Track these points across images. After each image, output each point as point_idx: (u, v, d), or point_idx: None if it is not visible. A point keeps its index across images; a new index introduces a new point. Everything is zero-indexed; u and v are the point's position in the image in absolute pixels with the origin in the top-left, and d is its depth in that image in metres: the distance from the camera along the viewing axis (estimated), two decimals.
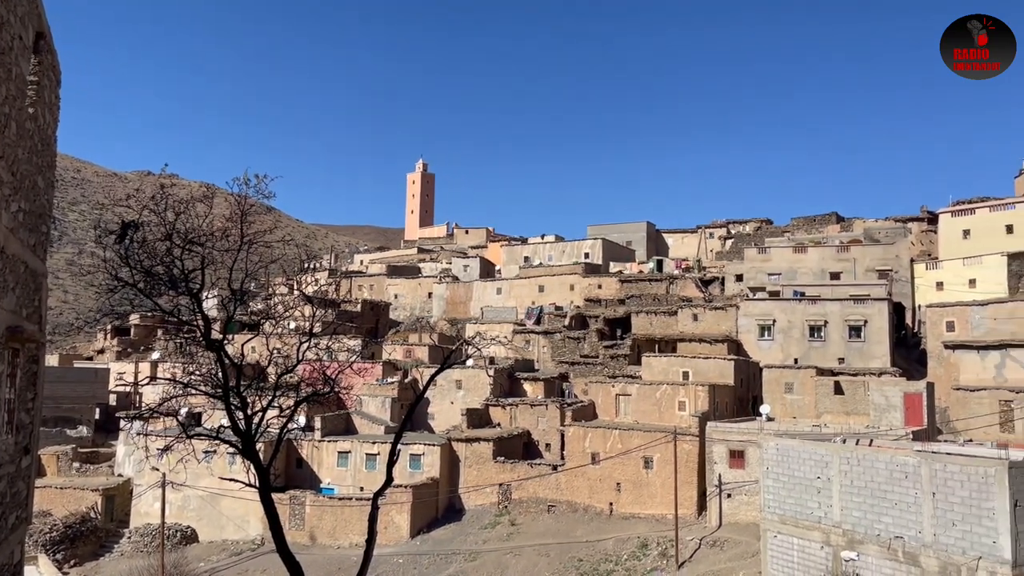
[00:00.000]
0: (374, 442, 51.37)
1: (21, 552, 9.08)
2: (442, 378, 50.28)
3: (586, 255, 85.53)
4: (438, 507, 49.66)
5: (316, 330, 21.58)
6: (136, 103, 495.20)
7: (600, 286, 75.60)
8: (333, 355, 24.03)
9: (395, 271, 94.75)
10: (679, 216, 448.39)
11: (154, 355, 73.15)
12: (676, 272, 77.01)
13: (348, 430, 54.92)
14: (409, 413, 25.24)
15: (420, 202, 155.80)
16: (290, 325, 28.35)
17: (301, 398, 21.42)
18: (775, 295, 59.88)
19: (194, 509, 51.20)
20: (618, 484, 46.40)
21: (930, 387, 44.05)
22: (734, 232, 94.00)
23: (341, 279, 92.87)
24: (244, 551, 48.43)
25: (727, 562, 38.56)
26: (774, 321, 56.42)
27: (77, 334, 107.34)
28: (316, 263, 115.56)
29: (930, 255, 69.01)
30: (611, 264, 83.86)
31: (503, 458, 49.95)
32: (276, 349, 20.66)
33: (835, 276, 62.68)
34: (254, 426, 19.16)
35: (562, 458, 49.81)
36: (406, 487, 47.43)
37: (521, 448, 52.97)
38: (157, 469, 44.29)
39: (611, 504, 46.46)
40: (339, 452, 51.89)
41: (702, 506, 44.08)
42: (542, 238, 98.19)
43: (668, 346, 59.17)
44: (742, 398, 52.27)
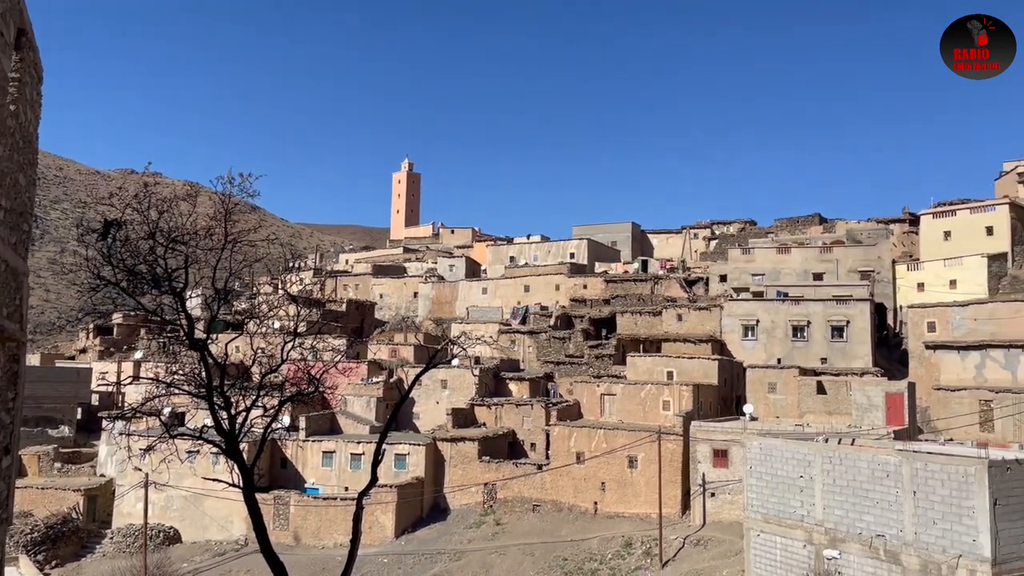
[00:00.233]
0: (359, 442, 51.23)
1: (1, 553, 9.02)
2: (427, 378, 50.21)
3: (571, 255, 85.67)
4: (423, 507, 49.59)
5: (301, 330, 21.52)
6: (119, 101, 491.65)
7: (585, 286, 75.76)
8: (318, 355, 23.95)
9: (380, 271, 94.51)
10: (664, 217, 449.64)
11: (137, 354, 72.62)
12: (661, 272, 77.29)
13: (333, 430, 54.75)
14: (394, 413, 25.23)
15: (406, 201, 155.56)
16: (274, 324, 28.25)
17: (285, 398, 21.33)
18: (759, 295, 60.23)
19: (177, 509, 50.88)
20: (603, 483, 46.52)
21: (911, 387, 44.46)
22: (718, 233, 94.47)
23: (326, 278, 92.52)
24: (228, 551, 48.18)
25: (711, 561, 38.76)
26: (758, 321, 56.75)
27: (59, 333, 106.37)
28: (301, 262, 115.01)
29: (911, 256, 69.61)
30: (596, 264, 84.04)
31: (488, 458, 49.96)
32: (260, 348, 20.56)
33: (818, 277, 63.14)
34: (238, 426, 19.08)
35: (547, 458, 49.88)
36: (391, 487, 47.34)
37: (506, 448, 53.00)
38: (140, 469, 43.77)
39: (596, 503, 46.58)
40: (324, 452, 51.71)
41: (686, 505, 44.28)
42: (528, 238, 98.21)
43: (653, 346, 59.38)
44: (726, 398, 52.54)
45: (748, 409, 47.10)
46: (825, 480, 28.92)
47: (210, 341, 19.17)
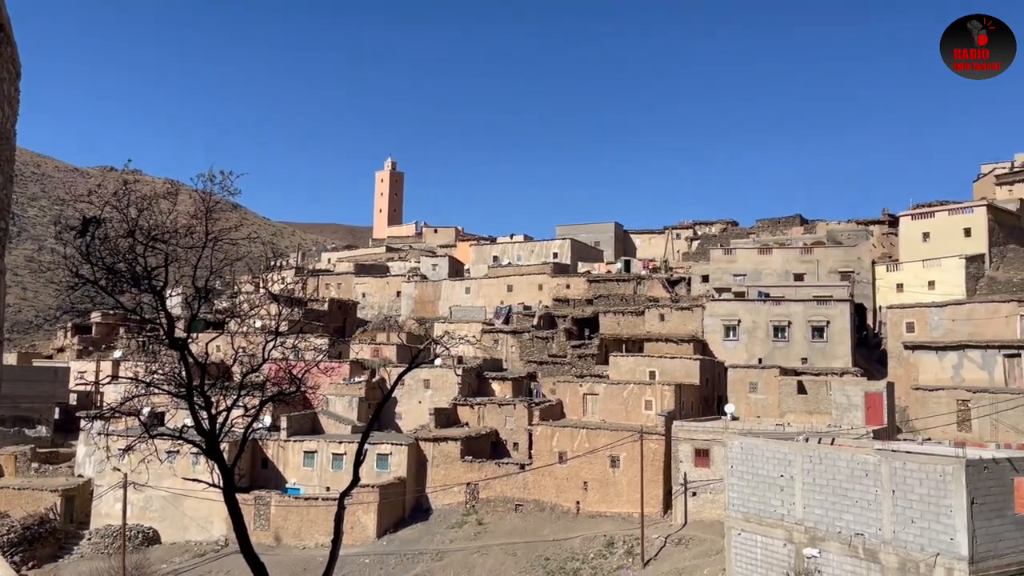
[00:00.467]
0: (341, 442, 51.02)
1: None
2: (410, 377, 50.05)
3: (555, 255, 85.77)
4: (405, 507, 49.47)
5: (282, 329, 21.39)
6: (99, 98, 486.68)
7: (568, 286, 75.88)
8: (300, 354, 23.88)
9: (363, 270, 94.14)
10: (646, 217, 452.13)
11: (116, 354, 71.88)
12: (643, 272, 77.56)
13: (314, 430, 54.48)
14: (376, 412, 25.13)
15: (389, 201, 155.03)
16: (256, 324, 28.09)
17: (267, 397, 21.21)
18: (740, 296, 60.58)
19: (156, 510, 50.46)
20: (585, 483, 46.61)
21: (890, 387, 44.87)
22: (700, 233, 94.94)
23: (308, 277, 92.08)
24: (208, 552, 47.84)
25: (692, 560, 38.95)
26: (739, 321, 57.09)
27: (36, 332, 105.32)
28: (283, 261, 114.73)
29: (891, 257, 70.28)
30: (579, 264, 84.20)
31: (471, 457, 49.92)
32: (241, 348, 20.44)
33: (799, 277, 63.59)
34: (218, 426, 18.95)
35: (530, 457, 49.92)
36: (373, 487, 47.19)
37: (489, 447, 52.97)
38: (118, 470, 43.58)
39: (578, 503, 46.67)
40: (305, 452, 51.46)
41: (668, 504, 44.45)
42: (511, 238, 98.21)
43: (635, 346, 59.57)
44: (707, 397, 52.79)
45: (729, 409, 47.37)
46: (805, 479, 29.14)
47: (190, 340, 19.01)
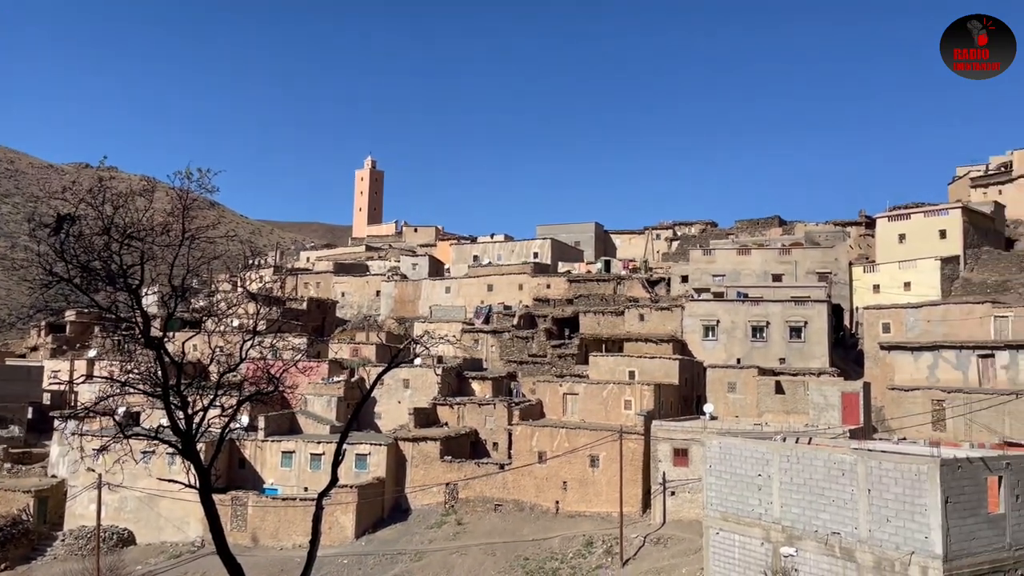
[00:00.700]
0: (319, 442, 50.71)
1: None
2: (389, 377, 49.93)
3: (535, 255, 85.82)
4: (384, 507, 49.25)
5: (260, 328, 21.20)
6: (75, 94, 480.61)
7: (549, 286, 75.91)
8: (278, 353, 23.67)
9: (342, 268, 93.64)
10: (626, 217, 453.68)
11: (90, 353, 71.12)
12: (623, 273, 77.78)
13: (293, 430, 54.11)
14: (355, 412, 25.03)
15: (368, 199, 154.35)
16: (233, 323, 27.80)
17: (244, 397, 20.99)
18: (719, 296, 60.89)
19: (131, 511, 49.90)
20: (564, 483, 46.65)
21: (866, 387, 45.28)
22: (680, 234, 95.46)
23: (287, 276, 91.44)
24: (183, 553, 47.39)
25: (671, 559, 39.10)
26: (718, 321, 57.39)
27: (9, 331, 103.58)
28: (261, 260, 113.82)
29: (867, 258, 71.03)
30: (560, 264, 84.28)
31: (450, 457, 49.78)
32: (219, 347, 20.23)
33: (777, 278, 64.05)
34: (195, 426, 18.77)
35: (509, 457, 49.86)
36: (351, 487, 46.95)
37: (468, 447, 52.87)
38: (93, 470, 43.08)
39: (557, 503, 46.70)
40: (283, 452, 51.09)
41: (647, 504, 44.60)
42: (491, 237, 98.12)
43: (615, 346, 59.70)
44: (687, 397, 53.03)
45: (708, 408, 47.62)
46: (782, 479, 29.33)
47: (166, 339, 18.81)
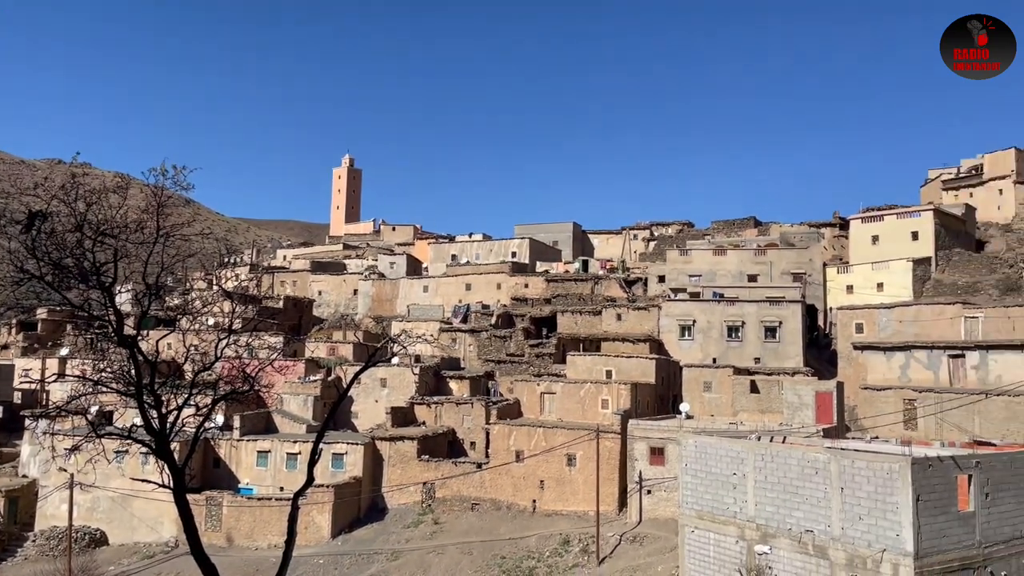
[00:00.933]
0: (295, 441, 50.42)
1: None
2: (366, 376, 49.56)
3: (513, 254, 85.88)
4: (360, 506, 49.06)
5: (236, 326, 21.07)
6: (47, 89, 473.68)
7: (527, 285, 76.02)
8: (253, 352, 23.52)
9: (319, 267, 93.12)
10: (604, 217, 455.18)
11: (63, 351, 70.06)
12: (601, 272, 78.07)
13: (268, 429, 53.75)
14: (332, 411, 24.94)
15: (346, 198, 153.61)
16: (208, 321, 27.59)
17: (219, 396, 20.87)
18: (695, 296, 61.33)
19: (104, 511, 49.32)
20: (541, 482, 46.75)
21: (840, 386, 45.80)
22: (657, 234, 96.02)
23: (263, 274, 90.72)
24: (157, 554, 46.91)
25: (646, 557, 39.33)
26: (694, 321, 57.79)
27: None
28: (237, 258, 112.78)
29: (841, 259, 71.89)
30: (538, 263, 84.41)
31: (427, 457, 49.70)
32: (193, 346, 20.08)
33: (752, 278, 64.63)
34: (169, 425, 18.62)
35: (486, 456, 49.89)
36: (328, 487, 46.72)
37: (446, 446, 52.79)
38: (64, 470, 42.52)
39: (534, 501, 46.78)
40: (259, 451, 50.70)
41: (623, 502, 44.81)
42: (470, 236, 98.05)
43: (592, 345, 59.91)
44: (663, 396, 53.35)
45: (684, 408, 47.95)
46: (757, 477, 29.60)
47: (140, 338, 18.63)
